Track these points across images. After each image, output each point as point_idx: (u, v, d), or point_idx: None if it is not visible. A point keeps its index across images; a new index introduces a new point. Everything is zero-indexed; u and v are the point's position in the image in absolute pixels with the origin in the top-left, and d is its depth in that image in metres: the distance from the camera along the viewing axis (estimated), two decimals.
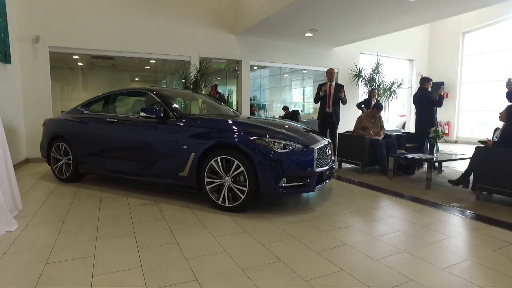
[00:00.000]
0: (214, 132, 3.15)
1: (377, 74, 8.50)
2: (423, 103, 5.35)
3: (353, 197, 3.77)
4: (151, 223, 2.77)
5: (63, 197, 3.57)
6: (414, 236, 2.59)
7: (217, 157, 3.05)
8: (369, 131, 5.32)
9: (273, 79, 12.26)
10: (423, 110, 5.39)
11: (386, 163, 5.02)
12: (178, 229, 2.64)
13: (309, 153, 3.10)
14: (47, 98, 5.99)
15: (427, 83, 5.39)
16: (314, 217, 3.03)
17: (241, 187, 2.99)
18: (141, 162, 3.57)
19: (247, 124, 3.23)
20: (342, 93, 5.48)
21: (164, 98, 3.65)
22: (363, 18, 6.27)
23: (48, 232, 2.56)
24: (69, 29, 6.02)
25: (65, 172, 4.21)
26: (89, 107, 4.26)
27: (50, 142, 4.32)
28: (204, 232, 2.59)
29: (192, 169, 3.19)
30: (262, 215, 3.03)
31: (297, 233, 2.60)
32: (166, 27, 6.81)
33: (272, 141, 2.99)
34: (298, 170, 3.03)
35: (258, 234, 2.57)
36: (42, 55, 5.86)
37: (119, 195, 3.66)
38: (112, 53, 6.48)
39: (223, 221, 2.85)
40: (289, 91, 12.74)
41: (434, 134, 4.59)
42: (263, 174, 2.91)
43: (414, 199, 3.70)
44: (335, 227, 2.78)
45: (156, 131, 3.45)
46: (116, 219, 2.87)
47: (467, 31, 9.85)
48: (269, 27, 6.89)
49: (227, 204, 3.07)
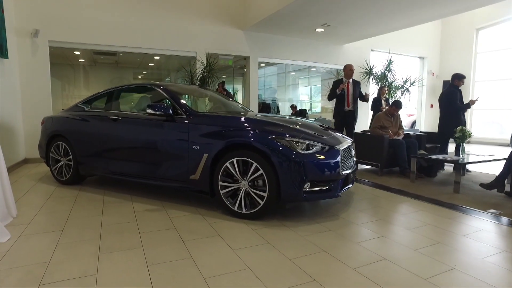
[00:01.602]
0: (229, 131, 2.85)
1: (389, 71, 8.17)
2: (448, 100, 5.03)
3: (377, 202, 3.46)
4: (160, 233, 2.46)
5: (62, 202, 3.27)
6: (459, 249, 2.28)
7: (233, 158, 2.75)
8: (388, 131, 5.01)
9: (278, 78, 11.95)
10: (448, 108, 5.06)
11: (407, 165, 4.71)
12: (191, 240, 2.34)
13: (334, 154, 2.80)
14: (47, 96, 5.70)
15: (457, 81, 5.05)
16: (340, 225, 2.72)
17: (260, 192, 2.69)
18: (147, 163, 3.26)
19: (266, 122, 2.92)
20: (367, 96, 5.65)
21: (173, 94, 3.35)
22: (378, 12, 5.96)
23: (44, 244, 2.25)
24: (71, 22, 5.72)
25: (65, 174, 3.91)
26: (90, 104, 3.96)
27: (49, 142, 4.02)
28: (221, 244, 2.28)
29: (204, 172, 2.89)
30: (282, 223, 2.72)
31: (326, 245, 2.29)
32: (172, 22, 6.51)
33: (295, 141, 2.68)
34: (323, 173, 2.72)
35: (283, 246, 2.26)
36: (41, 50, 5.56)
37: (123, 200, 3.36)
38: (115, 49, 6.17)
39: (241, 230, 2.55)
40: (293, 90, 12.42)
41: (460, 134, 4.27)
42: (285, 178, 2.61)
43: (444, 204, 3.38)
44: (366, 237, 2.47)
45: (164, 129, 3.15)
46: (121, 227, 2.57)
47: (481, 27, 9.52)
48: (279, 22, 6.58)
49: (244, 211, 2.76)
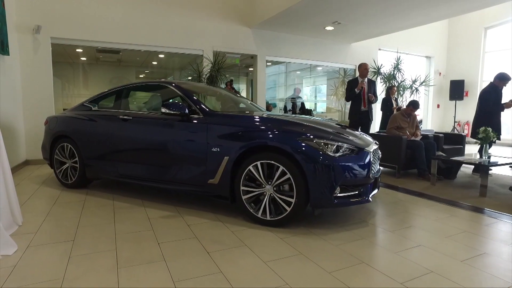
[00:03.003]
0: (252, 131, 2.65)
1: (398, 71, 8.01)
2: (480, 100, 4.82)
3: (403, 206, 3.28)
4: (181, 243, 2.26)
5: (69, 208, 3.06)
6: (510, 259, 2.10)
7: (257, 161, 2.55)
8: (405, 131, 4.83)
9: (280, 77, 11.75)
10: (480, 108, 4.85)
11: (426, 167, 4.54)
12: (217, 251, 2.14)
13: (364, 157, 2.62)
14: (49, 94, 5.46)
15: (498, 81, 4.77)
16: (372, 232, 2.53)
17: (286, 197, 2.49)
18: (160, 166, 3.06)
19: (291, 123, 2.73)
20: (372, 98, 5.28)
21: (188, 92, 3.15)
22: (391, 10, 5.78)
23: (55, 256, 2.04)
24: (74, 19, 5.49)
25: (70, 177, 3.69)
26: (98, 103, 3.75)
27: (53, 143, 3.80)
28: (250, 255, 2.09)
29: (224, 176, 2.69)
30: (310, 231, 2.53)
31: (364, 256, 2.10)
32: (178, 18, 6.30)
33: (325, 143, 2.49)
34: (355, 177, 2.53)
35: (318, 257, 2.07)
36: (43, 46, 5.33)
37: (134, 205, 3.15)
38: (120, 46, 5.95)
39: (268, 239, 2.35)
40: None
41: (484, 135, 4.10)
42: (315, 183, 2.41)
43: (474, 208, 3.21)
44: (404, 246, 2.28)
45: (180, 130, 2.95)
46: (138, 237, 2.36)
47: (489, 26, 9.39)
48: (288, 20, 6.39)
49: (268, 218, 2.57)
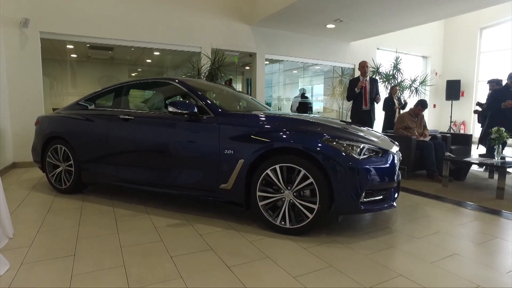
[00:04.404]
0: (270, 132, 2.44)
1: (397, 71, 7.92)
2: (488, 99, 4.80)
3: (422, 209, 3.13)
4: (196, 256, 2.03)
5: (66, 216, 2.78)
6: None
7: (276, 165, 2.34)
8: (413, 131, 4.71)
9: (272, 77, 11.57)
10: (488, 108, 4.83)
11: (435, 168, 4.42)
12: (238, 265, 1.92)
13: (389, 159, 2.45)
14: (38, 92, 5.12)
15: (510, 80, 4.78)
16: (399, 239, 2.36)
17: (308, 203, 2.30)
18: (166, 170, 2.82)
19: (311, 123, 2.53)
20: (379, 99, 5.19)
21: (195, 89, 2.91)
22: (395, 8, 5.66)
23: (54, 275, 1.79)
24: (65, 12, 5.16)
25: (64, 181, 3.40)
26: (94, 102, 3.47)
27: (45, 145, 3.51)
28: (276, 269, 1.88)
29: (239, 180, 2.47)
30: (333, 239, 2.34)
31: (399, 267, 1.92)
32: (176, 14, 6.02)
33: (350, 145, 2.30)
34: (381, 181, 2.36)
35: (350, 270, 1.87)
36: (32, 41, 4.99)
37: (137, 212, 2.89)
38: (114, 42, 5.64)
39: (291, 250, 2.14)
40: (292, 88, 12.07)
41: (497, 135, 4.00)
42: (341, 187, 2.23)
43: (494, 211, 3.08)
44: (438, 255, 2.11)
45: (188, 131, 2.72)
46: (146, 250, 2.12)
47: (485, 26, 9.43)
48: (290, 17, 6.20)
49: (288, 225, 2.36)
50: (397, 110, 6.56)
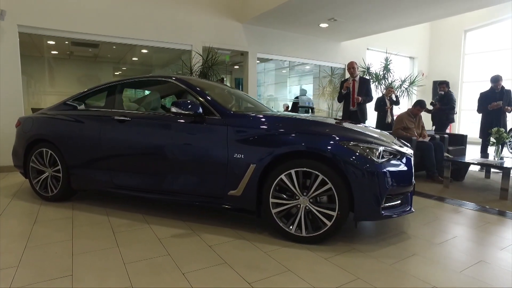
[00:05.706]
0: (284, 134, 2.28)
1: (388, 71, 7.97)
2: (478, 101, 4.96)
3: (432, 212, 3.06)
4: (211, 272, 1.84)
5: (55, 228, 2.51)
6: None
7: (291, 169, 2.19)
8: (412, 132, 4.67)
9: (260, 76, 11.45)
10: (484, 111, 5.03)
11: (435, 168, 4.40)
12: (259, 281, 1.75)
13: (407, 162, 2.35)
14: (17, 91, 4.73)
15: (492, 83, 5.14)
16: (419, 246, 2.26)
17: (325, 210, 2.15)
18: (168, 176, 2.60)
19: (328, 125, 2.40)
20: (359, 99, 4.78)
21: (198, 89, 2.71)
22: (391, 8, 5.64)
23: None
24: (46, 4, 4.79)
25: (51, 188, 3.11)
26: (84, 101, 3.20)
27: (28, 148, 3.19)
28: (301, 284, 1.72)
29: (250, 186, 2.29)
30: (352, 247, 2.21)
31: (429, 278, 1.81)
32: (165, 10, 5.75)
33: (369, 147, 2.18)
34: (401, 185, 2.25)
35: (379, 282, 1.74)
36: (9, 35, 4.59)
37: (135, 221, 2.66)
38: (100, 38, 5.31)
39: (311, 261, 1.99)
40: (281, 88, 11.99)
41: (497, 136, 4.02)
42: (361, 193, 2.10)
43: (503, 213, 3.06)
44: (465, 263, 2.02)
45: (192, 133, 2.51)
46: (154, 266, 1.91)
47: (469, 29, 9.67)
48: (283, 15, 6.07)
49: (304, 234, 2.21)
50: (388, 110, 6.55)
